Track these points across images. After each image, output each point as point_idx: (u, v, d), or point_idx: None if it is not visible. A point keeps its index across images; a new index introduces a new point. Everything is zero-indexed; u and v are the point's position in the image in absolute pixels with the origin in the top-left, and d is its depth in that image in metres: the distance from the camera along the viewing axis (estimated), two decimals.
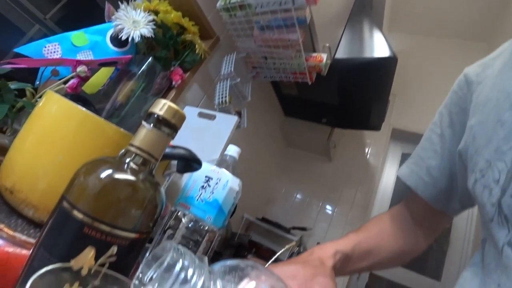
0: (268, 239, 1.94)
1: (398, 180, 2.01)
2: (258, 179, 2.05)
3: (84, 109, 0.38)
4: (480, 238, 0.37)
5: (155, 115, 0.25)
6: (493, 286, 0.30)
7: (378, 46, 1.32)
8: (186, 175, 0.51)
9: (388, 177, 2.16)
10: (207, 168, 0.48)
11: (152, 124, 0.25)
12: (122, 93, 0.71)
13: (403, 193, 0.56)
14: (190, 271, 0.15)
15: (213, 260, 0.28)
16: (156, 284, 0.14)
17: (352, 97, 1.59)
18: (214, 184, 0.47)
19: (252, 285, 0.17)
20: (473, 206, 0.44)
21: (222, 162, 0.51)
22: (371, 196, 2.03)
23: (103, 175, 0.24)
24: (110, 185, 0.24)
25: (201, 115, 0.90)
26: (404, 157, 2.21)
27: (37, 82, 0.67)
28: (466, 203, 0.45)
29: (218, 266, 0.18)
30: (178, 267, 0.14)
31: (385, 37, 1.35)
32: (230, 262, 0.19)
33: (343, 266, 0.39)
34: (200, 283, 0.15)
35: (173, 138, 0.27)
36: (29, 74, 0.66)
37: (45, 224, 0.24)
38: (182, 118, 0.26)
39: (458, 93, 0.43)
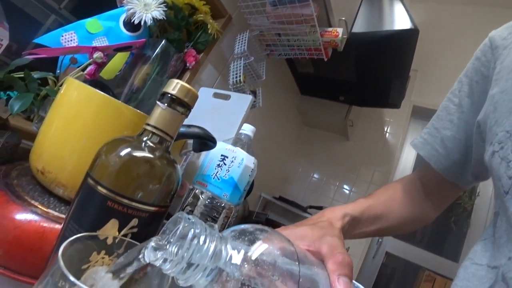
0: (285, 217, 1.98)
1: (418, 159, 1.97)
2: (275, 158, 2.07)
3: (102, 93, 0.40)
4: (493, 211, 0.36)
5: (169, 95, 0.26)
6: (504, 260, 0.30)
7: (398, 18, 1.25)
8: (203, 155, 0.53)
9: (408, 156, 2.09)
10: (223, 147, 0.50)
11: (166, 104, 0.26)
12: (138, 77, 0.73)
13: None
14: (202, 238, 0.16)
15: None
16: (171, 248, 0.15)
17: (370, 73, 1.53)
18: (229, 162, 0.48)
19: (264, 247, 0.18)
20: (487, 179, 0.43)
21: (237, 141, 0.52)
22: (389, 176, 1.99)
23: (123, 153, 0.25)
24: (129, 162, 0.25)
25: (216, 95, 0.91)
26: None
27: (58, 71, 0.69)
28: (479, 176, 0.43)
29: (228, 231, 0.19)
30: (190, 235, 0.15)
31: (406, 7, 1.27)
32: (239, 227, 0.20)
33: (351, 228, 0.39)
34: (212, 248, 0.16)
35: (187, 116, 0.28)
36: (50, 64, 0.69)
37: (74, 200, 0.26)
38: (194, 97, 0.27)
39: (481, 59, 0.40)
